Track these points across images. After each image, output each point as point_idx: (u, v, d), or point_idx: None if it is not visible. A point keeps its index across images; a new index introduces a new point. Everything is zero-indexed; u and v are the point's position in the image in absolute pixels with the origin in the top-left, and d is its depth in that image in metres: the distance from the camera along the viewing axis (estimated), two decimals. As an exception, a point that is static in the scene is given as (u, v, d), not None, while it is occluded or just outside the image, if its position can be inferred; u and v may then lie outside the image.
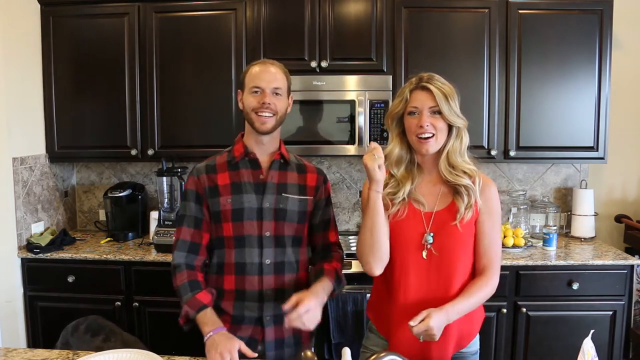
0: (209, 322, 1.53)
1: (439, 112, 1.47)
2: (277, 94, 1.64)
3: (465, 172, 1.50)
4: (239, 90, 1.70)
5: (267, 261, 1.62)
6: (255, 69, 1.65)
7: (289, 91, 1.70)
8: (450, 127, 1.50)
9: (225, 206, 1.62)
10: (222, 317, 1.58)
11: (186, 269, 1.62)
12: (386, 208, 1.52)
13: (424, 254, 1.50)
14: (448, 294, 1.49)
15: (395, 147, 1.56)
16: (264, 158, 1.68)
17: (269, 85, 1.62)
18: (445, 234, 1.49)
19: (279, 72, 1.66)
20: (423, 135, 1.48)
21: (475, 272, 1.54)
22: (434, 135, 1.48)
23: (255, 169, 1.66)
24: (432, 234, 1.49)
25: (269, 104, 1.60)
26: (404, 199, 1.52)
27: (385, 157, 1.51)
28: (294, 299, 1.49)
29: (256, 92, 1.62)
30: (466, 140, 1.52)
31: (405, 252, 1.52)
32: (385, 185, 1.53)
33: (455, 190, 1.51)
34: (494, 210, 1.53)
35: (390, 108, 1.56)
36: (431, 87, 1.47)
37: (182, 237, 1.66)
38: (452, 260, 1.50)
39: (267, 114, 1.61)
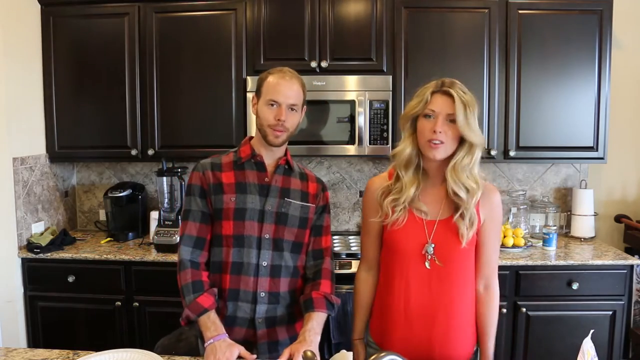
0: (211, 327, 1.51)
1: (455, 121, 1.42)
2: (292, 109, 1.63)
3: (466, 188, 1.45)
4: (253, 95, 1.69)
5: (264, 263, 1.63)
6: (274, 80, 1.63)
7: (303, 104, 1.70)
8: (462, 139, 1.44)
9: (228, 204, 1.63)
10: None
11: (191, 267, 1.61)
12: (386, 217, 1.52)
13: (427, 264, 1.48)
14: (450, 303, 1.49)
15: (406, 147, 1.49)
16: (270, 162, 1.69)
17: (286, 100, 1.61)
18: (448, 244, 1.47)
19: (296, 85, 1.64)
20: (435, 141, 1.43)
21: (477, 279, 1.54)
22: (443, 143, 1.43)
23: (261, 171, 1.68)
24: (433, 245, 1.47)
25: (284, 121, 1.61)
26: (405, 206, 1.49)
27: (395, 155, 1.52)
28: (287, 351, 1.45)
29: (272, 105, 1.61)
30: (477, 157, 1.45)
31: (406, 262, 1.50)
32: (389, 192, 1.52)
33: (456, 206, 1.48)
34: (498, 218, 1.54)
35: (406, 108, 1.51)
36: (453, 92, 1.42)
37: (187, 231, 1.65)
38: (455, 270, 1.48)
39: (280, 129, 1.62)
